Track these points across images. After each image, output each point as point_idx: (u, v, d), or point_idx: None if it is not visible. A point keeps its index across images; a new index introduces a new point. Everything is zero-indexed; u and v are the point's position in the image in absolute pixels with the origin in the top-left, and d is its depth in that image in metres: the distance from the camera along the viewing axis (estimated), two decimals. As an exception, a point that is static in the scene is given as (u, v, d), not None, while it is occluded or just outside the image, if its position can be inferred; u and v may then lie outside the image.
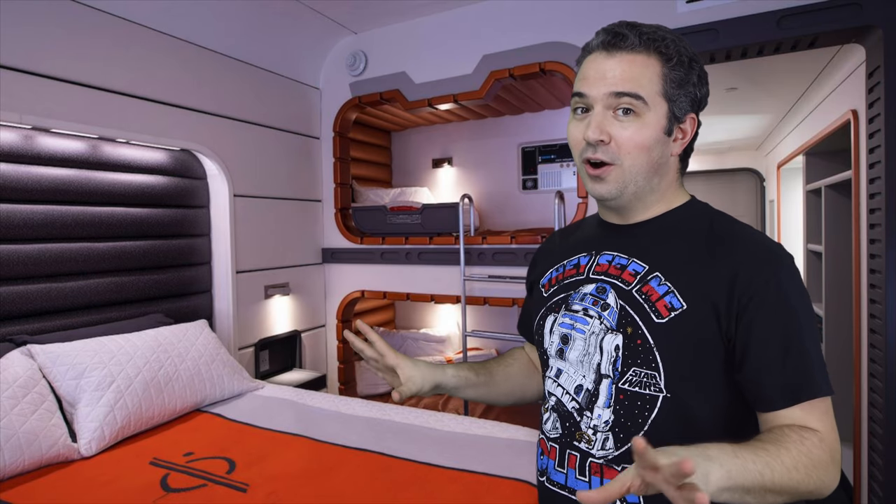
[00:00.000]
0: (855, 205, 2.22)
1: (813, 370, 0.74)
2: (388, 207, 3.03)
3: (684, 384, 0.78)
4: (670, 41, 0.81)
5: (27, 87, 1.84)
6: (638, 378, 0.79)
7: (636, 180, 0.83)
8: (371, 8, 2.74)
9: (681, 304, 0.78)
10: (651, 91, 0.80)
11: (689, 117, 0.84)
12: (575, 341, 0.87)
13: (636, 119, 0.80)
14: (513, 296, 2.67)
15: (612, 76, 0.80)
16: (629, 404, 0.80)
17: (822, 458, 0.69)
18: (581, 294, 0.88)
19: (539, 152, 3.59)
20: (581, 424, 0.84)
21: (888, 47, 1.82)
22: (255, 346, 2.74)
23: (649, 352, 0.79)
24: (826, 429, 0.73)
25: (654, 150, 0.81)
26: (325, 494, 1.43)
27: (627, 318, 0.81)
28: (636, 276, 0.83)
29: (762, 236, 0.82)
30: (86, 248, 2.07)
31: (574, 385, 0.86)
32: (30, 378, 1.65)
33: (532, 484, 1.45)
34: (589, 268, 0.90)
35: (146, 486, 1.47)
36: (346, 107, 3.10)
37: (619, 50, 0.81)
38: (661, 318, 0.79)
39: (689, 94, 0.83)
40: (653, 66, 0.80)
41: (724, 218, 0.86)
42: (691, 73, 0.82)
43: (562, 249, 1.00)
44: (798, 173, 4.24)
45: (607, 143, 0.81)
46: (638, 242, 0.87)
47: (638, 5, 2.25)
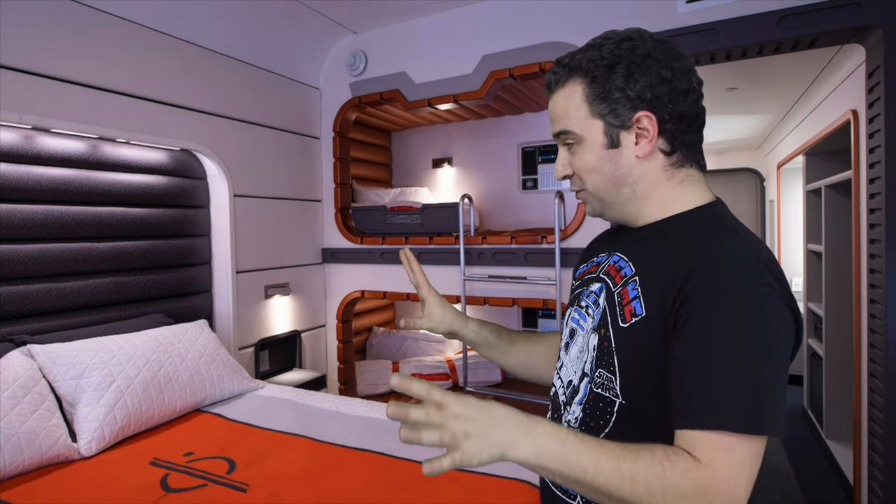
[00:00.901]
0: (855, 205, 2.22)
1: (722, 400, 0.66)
2: (388, 207, 3.03)
3: (638, 392, 0.77)
4: (587, 59, 0.82)
5: (27, 87, 1.84)
6: (602, 380, 0.81)
7: (603, 198, 0.87)
8: (371, 8, 2.74)
9: (642, 310, 0.77)
10: (578, 118, 0.84)
11: (640, 116, 0.80)
12: (577, 337, 0.90)
13: (577, 147, 0.86)
14: (512, 296, 2.67)
15: (553, 118, 0.88)
16: (593, 405, 0.83)
17: (679, 486, 0.62)
18: (588, 291, 0.91)
19: (539, 152, 3.59)
20: (562, 418, 0.89)
21: (888, 47, 1.82)
22: (255, 346, 2.74)
23: (611, 355, 0.80)
24: (717, 463, 0.63)
25: (603, 167, 0.84)
26: (325, 494, 1.43)
27: (604, 320, 0.83)
28: (623, 278, 0.84)
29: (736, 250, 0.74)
30: (86, 248, 2.07)
31: (567, 379, 0.90)
32: (30, 378, 1.65)
33: (532, 484, 1.45)
34: (602, 267, 0.93)
35: (146, 486, 1.47)
36: (346, 107, 3.10)
37: (552, 90, 0.88)
38: (624, 322, 0.79)
39: (619, 100, 0.80)
40: (576, 93, 0.84)
41: (715, 225, 0.81)
42: (612, 79, 0.80)
43: (596, 246, 1.03)
44: (798, 173, 4.24)
45: (572, 176, 0.89)
46: (636, 246, 0.88)
47: (638, 5, 2.25)
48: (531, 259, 2.59)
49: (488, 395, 3.04)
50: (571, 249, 2.46)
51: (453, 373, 3.45)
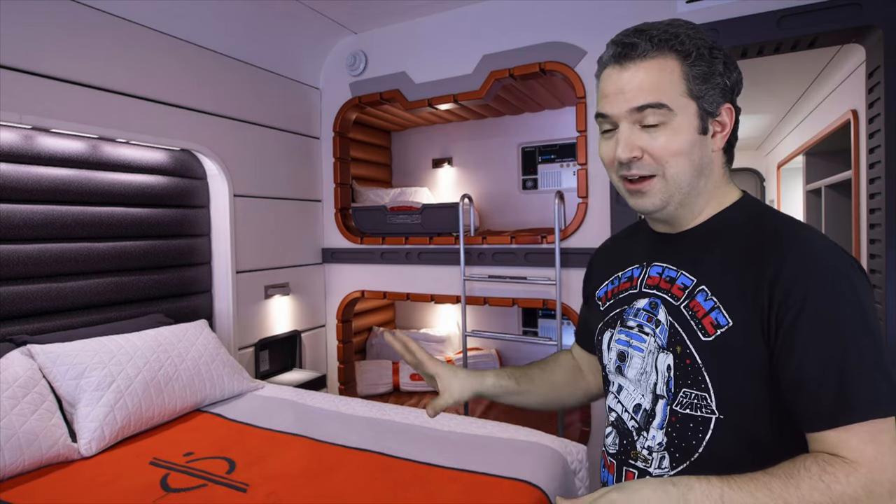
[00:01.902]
0: (855, 205, 2.22)
1: (856, 391, 0.65)
2: (388, 207, 3.03)
3: (737, 405, 0.73)
4: (685, 36, 0.76)
5: (27, 87, 1.84)
6: (689, 399, 0.76)
7: (680, 188, 0.78)
8: (371, 8, 2.74)
9: (727, 320, 0.73)
10: (674, 94, 0.75)
11: (724, 108, 0.79)
12: (632, 359, 0.84)
13: (665, 127, 0.76)
14: (513, 296, 2.67)
15: (629, 90, 0.76)
16: (681, 426, 0.77)
17: (847, 493, 0.62)
18: (635, 309, 0.85)
19: (539, 152, 3.59)
20: (637, 444, 0.82)
21: (888, 47, 1.82)
22: (255, 346, 2.74)
23: (698, 372, 0.75)
24: (868, 456, 0.64)
25: (693, 153, 0.77)
26: (325, 494, 1.43)
27: (676, 337, 0.78)
28: (685, 290, 0.79)
29: (813, 237, 0.74)
30: (86, 248, 2.07)
31: (633, 403, 0.84)
32: (30, 378, 1.65)
33: (532, 484, 1.45)
34: (641, 280, 0.87)
35: (146, 486, 1.47)
36: (346, 107, 3.10)
37: (631, 60, 0.77)
38: (707, 336, 0.75)
39: (717, 85, 0.77)
40: (671, 68, 0.76)
41: (775, 216, 0.80)
42: (715, 63, 0.77)
43: (614, 261, 0.96)
44: (798, 173, 4.24)
45: (640, 158, 0.77)
46: (686, 252, 0.83)
47: (638, 5, 2.25)
48: (531, 259, 2.59)
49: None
50: (571, 249, 2.46)
51: (453, 373, 3.45)
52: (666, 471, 0.78)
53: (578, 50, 2.41)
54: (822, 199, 3.34)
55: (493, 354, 3.57)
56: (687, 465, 0.77)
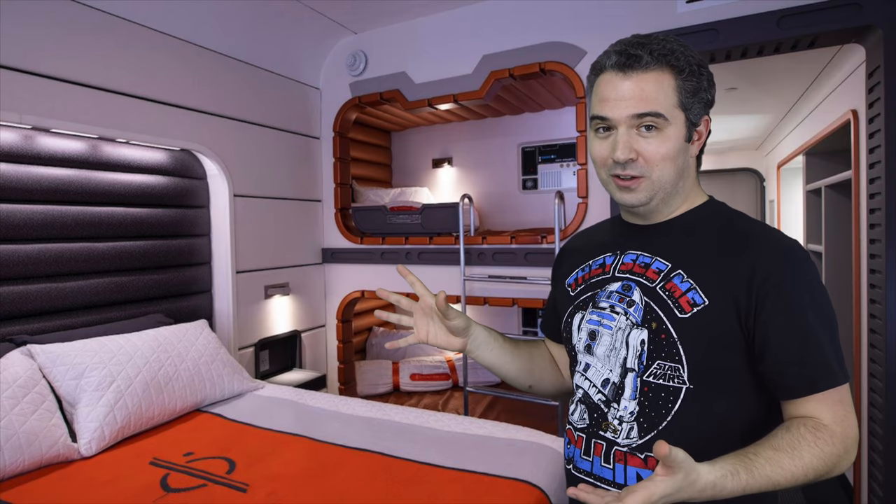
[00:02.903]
0: (855, 205, 2.22)
1: (829, 361, 0.78)
2: (388, 207, 3.03)
3: (706, 376, 0.82)
4: (679, 53, 0.85)
5: (27, 87, 1.84)
6: (662, 371, 0.84)
7: (664, 188, 0.88)
8: (371, 8, 2.74)
9: (703, 300, 0.83)
10: (668, 105, 0.84)
11: (703, 120, 0.89)
12: (602, 337, 0.91)
13: (658, 133, 0.85)
14: (512, 296, 2.67)
15: (631, 97, 0.84)
16: (653, 396, 0.84)
17: (835, 453, 0.75)
18: (608, 292, 0.93)
19: (539, 152, 3.59)
20: (608, 415, 0.88)
21: (888, 47, 1.82)
22: (255, 346, 2.74)
23: (673, 345, 0.83)
24: (839, 417, 0.77)
25: (679, 158, 0.86)
26: (325, 494, 1.43)
27: (652, 314, 0.86)
28: (659, 273, 0.88)
29: (778, 233, 0.87)
30: (86, 248, 2.07)
31: (601, 379, 0.90)
32: (30, 378, 1.65)
33: (532, 484, 1.46)
34: (614, 267, 0.95)
35: (146, 486, 1.47)
36: (346, 107, 3.10)
37: (634, 70, 0.85)
38: (683, 313, 0.83)
39: (702, 100, 0.87)
40: (667, 81, 0.85)
41: (742, 216, 0.92)
42: (702, 80, 0.87)
43: (586, 250, 1.04)
44: (798, 173, 4.24)
45: (635, 160, 0.86)
46: (660, 242, 0.92)
47: (638, 5, 2.25)
48: (531, 259, 2.59)
49: (488, 394, 3.04)
50: (571, 249, 2.46)
51: (453, 373, 3.45)
52: (634, 440, 0.85)
53: (578, 50, 2.41)
54: (822, 199, 3.34)
55: (493, 354, 3.56)
56: (654, 434, 0.84)
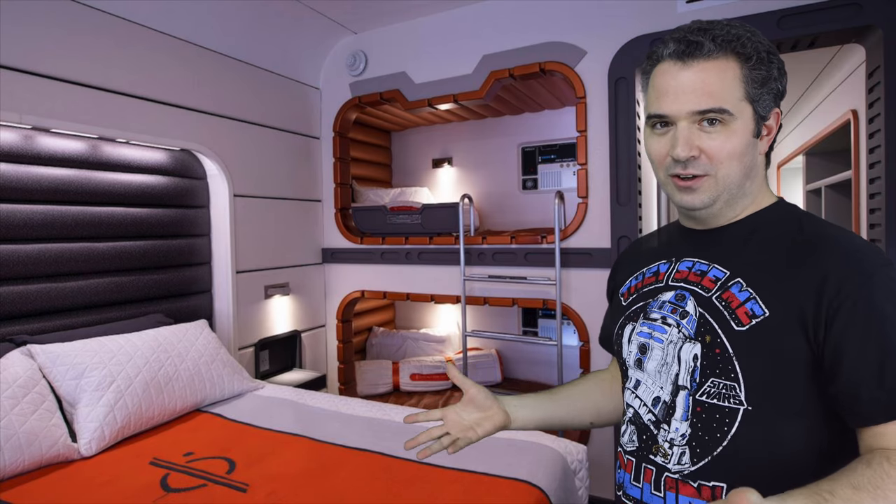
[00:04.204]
0: (855, 205, 2.22)
1: None
2: (388, 207, 3.03)
3: (767, 396, 0.73)
4: (746, 39, 0.76)
5: (27, 87, 1.84)
6: (716, 389, 0.75)
7: (730, 189, 0.78)
8: (371, 8, 2.74)
9: (763, 310, 0.73)
10: (734, 98, 0.75)
11: (773, 112, 0.80)
12: (653, 351, 0.83)
13: (724, 128, 0.76)
14: (512, 296, 2.67)
15: (691, 91, 0.76)
16: (707, 417, 0.76)
17: None
18: (660, 302, 0.84)
19: (539, 152, 3.59)
20: (658, 437, 0.80)
21: (888, 47, 1.82)
22: (255, 346, 2.74)
23: (728, 361, 0.74)
24: None
25: (746, 155, 0.77)
26: (325, 494, 1.43)
27: (706, 326, 0.77)
28: (716, 282, 0.79)
29: (854, 239, 0.75)
30: (86, 248, 2.07)
31: (652, 397, 0.82)
32: (30, 378, 1.65)
33: (532, 484, 1.45)
34: (668, 275, 0.86)
35: (146, 486, 1.47)
36: (346, 107, 3.10)
37: (695, 59, 0.76)
38: (741, 325, 0.74)
39: (771, 90, 0.78)
40: (732, 71, 0.75)
41: (814, 220, 0.80)
42: (772, 68, 0.77)
43: (641, 258, 0.96)
44: (798, 173, 4.24)
45: (697, 158, 0.77)
46: (719, 247, 0.82)
47: (638, 5, 2.25)
48: (531, 259, 2.58)
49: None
50: (571, 249, 2.46)
51: (453, 373, 3.45)
52: (686, 466, 0.77)
53: (578, 50, 2.41)
54: (822, 199, 3.34)
55: (493, 354, 3.57)
56: (708, 461, 0.75)
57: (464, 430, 0.94)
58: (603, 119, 2.38)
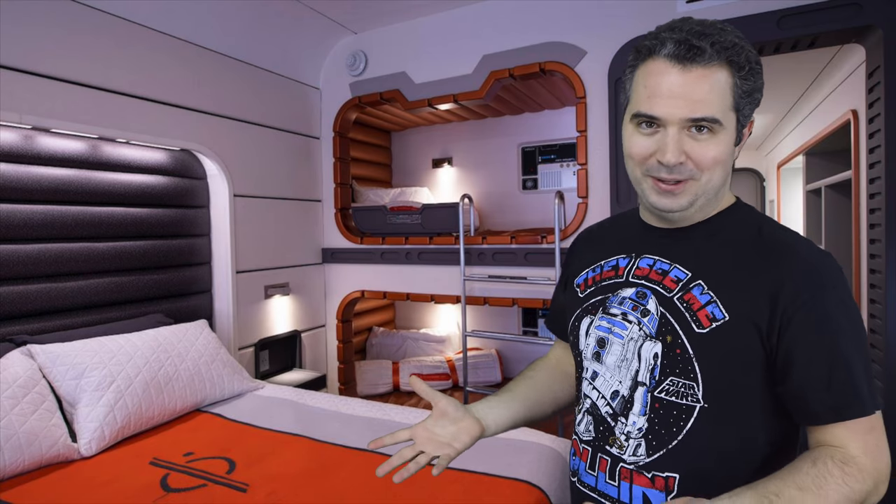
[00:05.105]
0: (855, 205, 2.22)
1: (858, 388, 0.71)
2: (388, 207, 3.03)
3: (722, 396, 0.76)
4: (740, 48, 0.75)
5: (27, 87, 1.84)
6: (675, 388, 0.78)
7: (707, 194, 0.79)
8: (371, 8, 2.74)
9: (723, 314, 0.76)
10: (724, 107, 0.76)
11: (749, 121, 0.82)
12: (612, 345, 0.85)
13: (712, 136, 0.76)
14: (513, 296, 2.67)
15: (687, 98, 0.74)
16: (664, 413, 0.79)
17: (864, 489, 0.69)
18: (620, 297, 0.86)
19: (539, 152, 3.59)
20: (615, 430, 0.83)
21: (888, 47, 1.82)
22: (255, 346, 2.74)
23: (688, 362, 0.77)
24: (869, 447, 0.71)
25: (727, 162, 0.79)
26: (325, 494, 1.43)
27: (668, 327, 0.79)
28: (678, 282, 0.81)
29: (810, 247, 0.78)
30: (86, 248, 2.07)
31: (610, 390, 0.84)
32: (30, 378, 1.65)
33: (532, 484, 1.45)
34: (628, 271, 0.87)
35: (146, 486, 1.47)
36: (346, 107, 3.10)
37: (695, 65, 0.74)
38: (702, 328, 0.77)
39: (754, 101, 0.79)
40: (724, 79, 0.75)
41: (772, 224, 0.83)
42: (758, 79, 0.78)
43: (598, 248, 0.96)
44: (798, 173, 4.25)
45: (684, 163, 0.77)
46: (681, 247, 0.84)
47: (638, 5, 2.25)
48: (531, 259, 2.58)
49: (488, 394, 3.04)
50: (571, 249, 2.46)
51: (453, 373, 3.45)
52: (641, 458, 0.80)
53: (578, 50, 2.41)
54: (822, 199, 3.34)
55: (493, 354, 3.57)
56: (663, 453, 0.78)
57: (440, 447, 0.89)
58: (603, 119, 2.38)
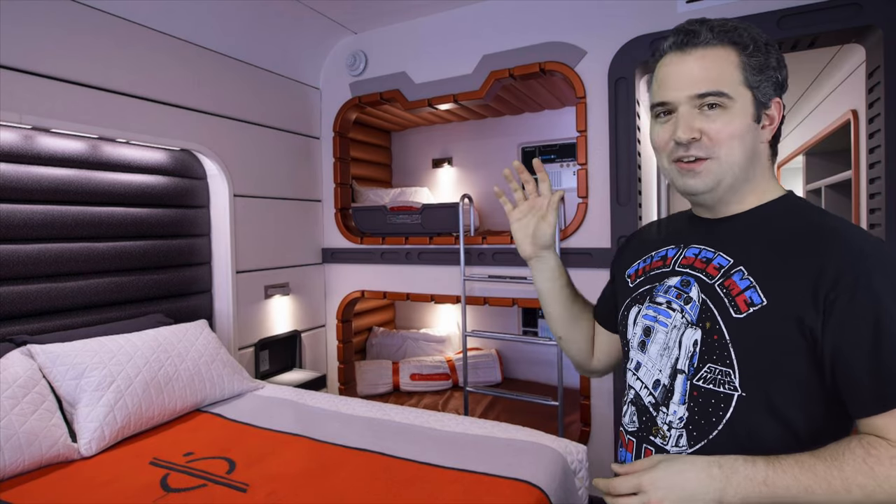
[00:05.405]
0: (855, 205, 2.22)
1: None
2: (388, 207, 3.03)
3: (761, 384, 0.74)
4: (742, 29, 0.81)
5: (27, 87, 1.84)
6: (713, 375, 0.77)
7: (733, 171, 0.80)
8: (371, 8, 2.74)
9: (761, 299, 0.75)
10: (732, 82, 0.79)
11: (773, 102, 0.82)
12: (657, 334, 0.86)
13: (723, 112, 0.79)
14: (513, 296, 2.66)
15: (691, 77, 0.80)
16: (703, 402, 0.78)
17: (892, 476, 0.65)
18: (666, 286, 0.87)
19: (539, 152, 3.59)
20: (657, 419, 0.83)
21: (888, 47, 1.82)
22: (255, 346, 2.74)
23: (724, 348, 0.76)
24: None
25: (747, 138, 0.80)
26: (325, 494, 1.43)
27: (707, 313, 0.79)
28: (720, 269, 0.81)
29: (858, 231, 0.76)
30: (86, 248, 2.07)
31: (652, 379, 0.85)
32: (30, 378, 1.65)
33: (532, 484, 1.45)
34: (675, 260, 0.89)
35: (146, 486, 1.47)
36: (346, 107, 3.10)
37: (694, 47, 0.81)
38: (739, 313, 0.76)
39: (770, 78, 0.81)
40: (730, 58, 0.80)
41: (821, 213, 0.82)
42: (769, 57, 0.81)
43: (651, 240, 0.99)
44: (798, 173, 4.25)
45: (699, 140, 0.80)
46: (726, 236, 0.84)
47: (638, 5, 2.25)
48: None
49: (488, 394, 3.04)
50: (571, 249, 2.46)
51: (453, 373, 3.45)
52: (683, 449, 0.79)
53: (578, 50, 2.41)
54: (822, 199, 3.34)
55: (493, 354, 3.57)
56: (705, 444, 0.77)
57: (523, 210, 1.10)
58: (603, 119, 2.38)
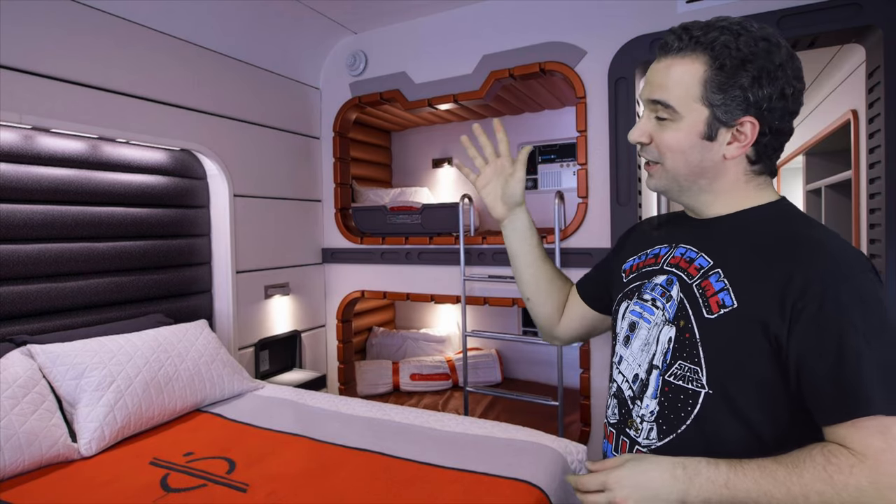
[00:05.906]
0: (855, 205, 2.22)
1: (867, 385, 0.67)
2: (388, 207, 3.03)
3: (728, 383, 0.77)
4: (722, 43, 0.77)
5: (27, 87, 1.84)
6: (682, 372, 0.81)
7: (678, 180, 0.85)
8: (371, 8, 2.74)
9: (732, 301, 0.77)
10: (684, 97, 0.80)
11: (744, 121, 0.79)
12: (640, 330, 0.89)
13: (670, 124, 0.82)
14: (512, 296, 2.66)
15: (653, 83, 0.83)
16: (673, 397, 0.81)
17: (850, 484, 0.65)
18: (653, 284, 0.90)
19: (539, 152, 3.59)
20: (633, 412, 0.87)
21: (888, 47, 1.82)
22: (255, 346, 2.74)
23: (694, 346, 0.79)
24: (875, 449, 0.65)
25: (691, 154, 0.82)
26: (325, 494, 1.43)
27: (683, 312, 0.82)
28: (700, 270, 0.84)
29: (836, 243, 0.75)
30: (86, 248, 2.07)
31: (632, 373, 0.89)
32: (30, 378, 1.65)
33: (532, 484, 1.45)
34: (665, 259, 0.91)
35: (146, 486, 1.47)
36: (346, 107, 3.10)
37: (665, 55, 0.83)
38: (711, 313, 0.79)
39: (736, 98, 0.78)
40: (694, 71, 0.79)
41: (807, 221, 0.82)
42: (739, 76, 0.77)
43: (649, 236, 1.01)
44: (798, 173, 4.25)
45: (648, 144, 0.85)
46: (711, 238, 0.86)
47: (638, 5, 2.25)
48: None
49: (488, 394, 3.04)
50: (571, 249, 2.46)
51: (453, 373, 3.45)
52: (653, 442, 0.83)
53: (578, 50, 2.41)
54: (822, 199, 3.35)
55: (493, 354, 3.57)
56: (673, 438, 0.81)
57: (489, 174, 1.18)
58: (603, 119, 2.38)
